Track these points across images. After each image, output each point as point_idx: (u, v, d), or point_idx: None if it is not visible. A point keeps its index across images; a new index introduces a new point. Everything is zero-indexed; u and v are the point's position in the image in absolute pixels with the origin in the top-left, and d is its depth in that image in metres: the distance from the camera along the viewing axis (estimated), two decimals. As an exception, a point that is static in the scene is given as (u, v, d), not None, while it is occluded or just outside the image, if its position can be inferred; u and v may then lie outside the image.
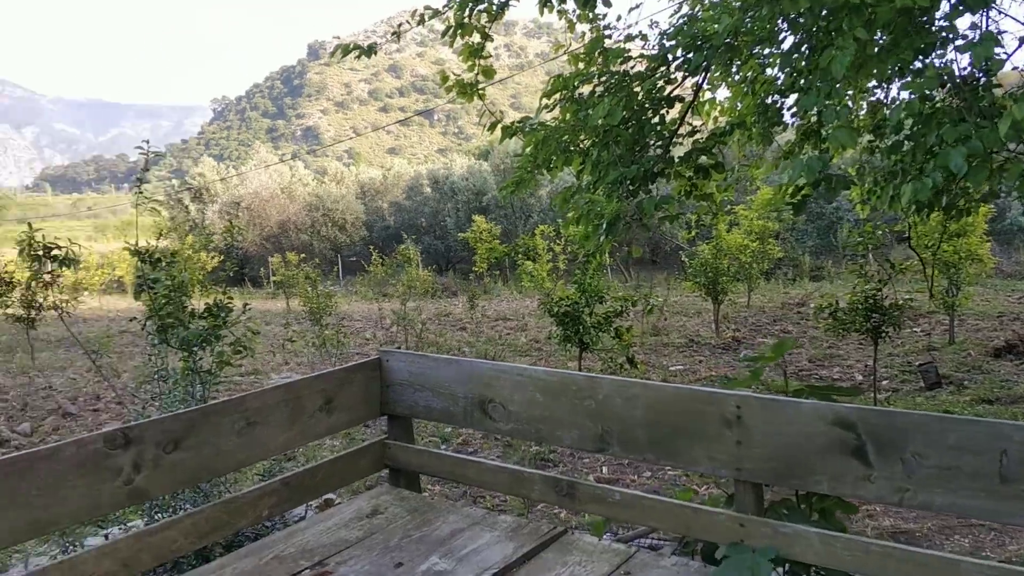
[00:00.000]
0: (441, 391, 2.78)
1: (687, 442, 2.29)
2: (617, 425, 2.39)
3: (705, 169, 4.94)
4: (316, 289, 12.02)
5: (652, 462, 2.33)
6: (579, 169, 5.07)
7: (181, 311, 4.55)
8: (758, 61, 5.17)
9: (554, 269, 16.78)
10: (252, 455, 2.50)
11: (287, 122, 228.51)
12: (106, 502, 2.07)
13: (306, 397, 2.60)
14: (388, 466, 2.99)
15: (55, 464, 1.96)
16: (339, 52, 5.06)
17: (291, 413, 2.54)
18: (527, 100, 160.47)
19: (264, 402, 2.46)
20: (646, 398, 2.35)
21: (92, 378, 9.98)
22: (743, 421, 2.20)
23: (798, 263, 21.00)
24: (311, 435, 2.69)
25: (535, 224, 25.30)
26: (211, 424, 2.28)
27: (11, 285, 8.47)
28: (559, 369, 2.59)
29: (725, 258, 11.77)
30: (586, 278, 8.26)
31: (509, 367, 2.68)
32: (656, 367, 10.02)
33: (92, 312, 20.83)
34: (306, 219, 31.84)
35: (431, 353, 2.95)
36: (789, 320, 13.59)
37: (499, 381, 2.63)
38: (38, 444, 7.02)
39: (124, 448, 2.06)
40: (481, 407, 2.67)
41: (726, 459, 2.23)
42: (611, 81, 4.58)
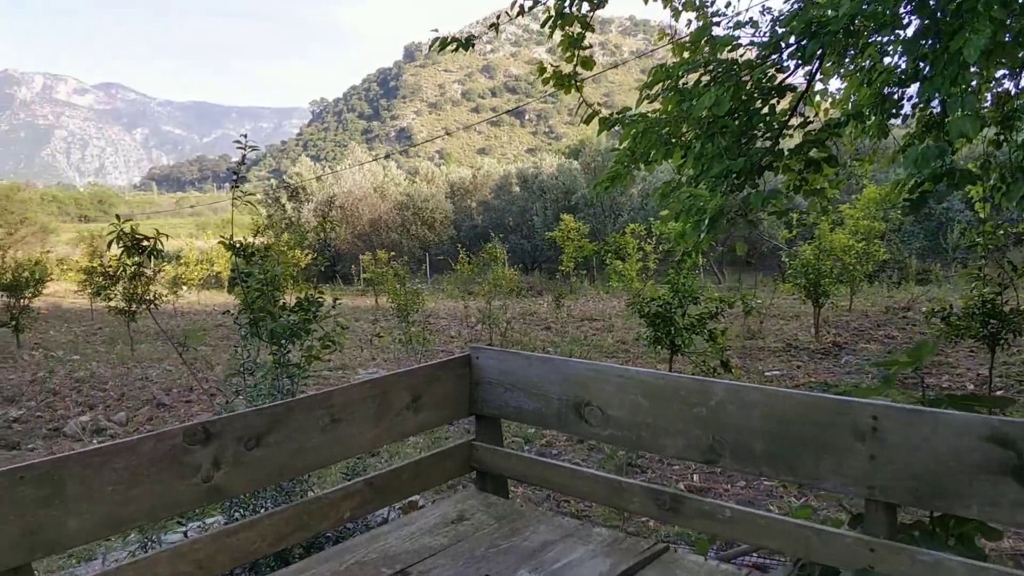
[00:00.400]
0: (533, 391, 2.61)
1: (811, 456, 2.04)
2: (730, 435, 2.17)
3: (817, 163, 4.63)
4: (404, 287, 12.10)
5: (769, 476, 2.07)
6: (680, 163, 4.83)
7: (273, 305, 4.56)
8: (877, 49, 4.82)
9: (644, 269, 16.46)
10: (336, 453, 2.39)
11: (381, 123, 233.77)
12: (184, 500, 1.98)
13: (393, 394, 2.48)
14: (475, 468, 2.85)
15: (132, 459, 1.87)
16: (437, 45, 4.97)
17: (378, 410, 2.42)
18: (620, 99, 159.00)
19: (350, 398, 2.35)
20: (765, 405, 2.11)
21: (186, 370, 10.31)
22: (879, 434, 1.95)
23: (904, 265, 19.95)
24: (397, 433, 2.57)
25: (624, 223, 24.93)
26: (295, 420, 2.18)
27: (114, 279, 8.82)
28: (667, 372, 2.35)
29: (828, 259, 11.22)
30: (680, 278, 7.97)
31: (609, 368, 2.48)
32: (751, 372, 9.63)
33: (190, 306, 21.70)
34: (396, 218, 32.34)
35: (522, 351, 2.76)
36: (894, 325, 12.87)
37: (598, 382, 2.43)
38: (132, 433, 7.26)
39: (204, 443, 1.96)
40: (577, 410, 2.48)
41: (857, 476, 1.98)
42: (718, 70, 4.33)
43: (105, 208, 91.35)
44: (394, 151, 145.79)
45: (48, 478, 1.75)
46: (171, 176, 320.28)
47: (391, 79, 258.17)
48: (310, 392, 2.47)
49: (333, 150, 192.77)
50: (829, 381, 8.83)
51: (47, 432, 7.19)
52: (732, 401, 2.15)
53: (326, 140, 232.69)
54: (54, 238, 38.62)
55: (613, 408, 2.39)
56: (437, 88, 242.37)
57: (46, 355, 12.66)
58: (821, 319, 12.20)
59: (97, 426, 7.32)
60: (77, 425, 7.21)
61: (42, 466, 1.76)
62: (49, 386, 9.17)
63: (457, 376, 2.74)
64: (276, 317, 4.63)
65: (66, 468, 1.78)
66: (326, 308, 5.00)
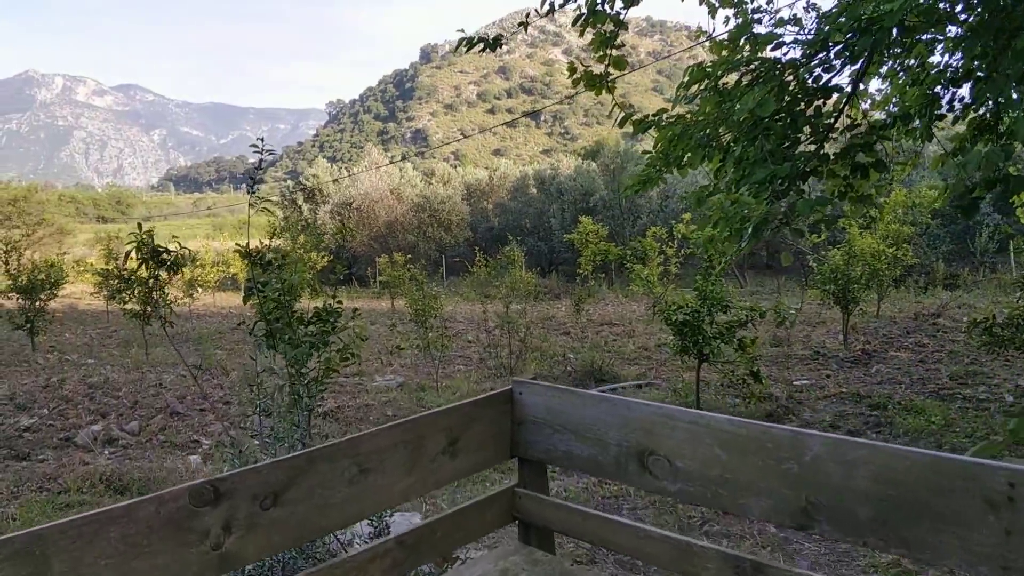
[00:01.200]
0: (587, 435, 2.29)
1: (929, 526, 1.73)
2: (828, 497, 1.84)
3: (864, 167, 4.36)
4: (422, 290, 11.88)
5: (876, 548, 1.71)
6: (717, 166, 4.58)
7: (289, 314, 4.36)
8: (928, 47, 4.54)
9: (665, 272, 16.18)
10: (365, 507, 2.10)
11: (397, 124, 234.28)
12: (190, 572, 1.68)
13: (428, 437, 2.20)
14: (517, 518, 2.54)
15: (130, 526, 1.58)
16: (463, 46, 4.73)
17: (411, 456, 2.15)
18: (636, 99, 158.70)
19: (379, 444, 2.07)
20: (873, 464, 1.78)
21: (201, 376, 10.14)
22: (1017, 504, 1.62)
23: (931, 270, 19.52)
24: (433, 482, 2.28)
25: (644, 225, 24.65)
26: (318, 472, 1.90)
27: (130, 282, 8.63)
28: (750, 420, 2.00)
29: (858, 264, 10.90)
30: (708, 284, 7.70)
31: (679, 412, 2.13)
32: (779, 381, 9.34)
33: (206, 308, 21.62)
34: (413, 220, 32.18)
35: (571, 387, 2.39)
36: (924, 332, 12.52)
37: (665, 428, 2.11)
38: (144, 444, 7.07)
39: (213, 504, 1.69)
40: (639, 459, 2.17)
41: (987, 553, 1.66)
42: (761, 69, 4.07)
43: (123, 209, 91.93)
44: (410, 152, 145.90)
45: (28, 556, 1.47)
46: (188, 177, 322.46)
47: (407, 80, 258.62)
48: (331, 441, 2.13)
49: (349, 151, 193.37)
50: (862, 392, 8.54)
51: (58, 442, 7.02)
52: (831, 457, 1.83)
53: (342, 141, 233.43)
54: (71, 239, 38.77)
55: (683, 459, 2.09)
56: (453, 89, 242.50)
57: (61, 358, 12.55)
58: (848, 325, 11.88)
59: (109, 436, 7.14)
60: (89, 435, 7.03)
61: (21, 541, 1.47)
62: (62, 392, 9.02)
63: (499, 413, 2.45)
64: (295, 328, 4.43)
65: (51, 543, 1.50)
66: (345, 318, 4.80)
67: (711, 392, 8.79)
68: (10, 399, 8.73)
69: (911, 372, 9.63)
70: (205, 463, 6.37)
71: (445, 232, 32.12)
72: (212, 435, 7.32)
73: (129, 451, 6.81)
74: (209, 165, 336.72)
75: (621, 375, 9.94)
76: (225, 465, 4.18)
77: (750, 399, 7.79)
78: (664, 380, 9.87)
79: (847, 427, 7.25)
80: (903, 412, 7.57)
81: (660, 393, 8.93)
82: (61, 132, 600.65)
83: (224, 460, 5.09)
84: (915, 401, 7.94)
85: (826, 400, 8.43)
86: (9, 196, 37.08)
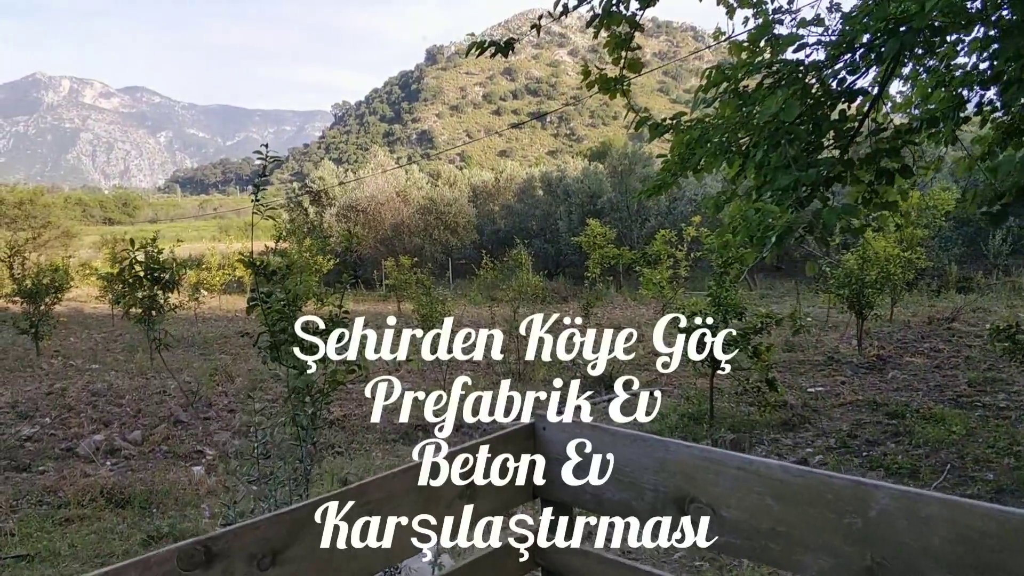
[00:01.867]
0: (619, 476, 2.06)
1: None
2: (897, 557, 1.61)
3: (889, 173, 4.19)
4: (429, 295, 11.73)
5: None
6: (735, 172, 4.42)
7: (293, 332, 4.21)
8: (957, 48, 4.38)
9: (675, 276, 15.99)
10: (375, 562, 1.87)
11: (403, 126, 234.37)
12: None
13: (442, 479, 2.00)
14: (542, 566, 2.32)
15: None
16: (474, 50, 4.58)
17: (424, 503, 1.95)
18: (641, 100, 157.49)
19: (390, 490, 1.87)
20: (951, 522, 1.55)
21: (206, 383, 10.01)
22: None
23: (943, 273, 19.27)
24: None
25: (652, 228, 24.45)
26: (322, 524, 1.71)
27: (134, 287, 8.52)
28: (807, 468, 1.78)
29: (873, 268, 10.71)
30: (722, 290, 7.54)
31: (725, 455, 1.87)
32: (793, 387, 9.17)
33: (211, 311, 21.50)
34: (419, 222, 32.05)
35: (603, 424, 2.15)
36: (939, 337, 12.33)
37: (708, 473, 1.88)
38: (147, 454, 6.92)
39: (205, 567, 1.49)
40: (678, 506, 1.93)
41: None
42: (784, 71, 3.90)
43: (129, 211, 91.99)
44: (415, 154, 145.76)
45: None
46: (195, 179, 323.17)
47: (412, 82, 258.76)
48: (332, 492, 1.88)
49: (355, 153, 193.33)
50: (878, 400, 8.36)
51: (59, 452, 6.89)
52: (902, 513, 1.61)
53: (348, 143, 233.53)
54: (77, 241, 38.75)
55: (729, 508, 1.85)
56: (458, 91, 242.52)
57: (65, 364, 12.44)
58: (862, 330, 11.69)
59: (111, 446, 7.00)
60: (90, 445, 6.90)
61: None
62: (65, 401, 8.89)
63: (519, 451, 2.24)
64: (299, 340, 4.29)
65: None
66: (353, 330, 4.66)
67: (724, 400, 8.63)
68: (12, 407, 8.62)
69: (928, 379, 9.44)
70: (209, 475, 6.22)
71: (451, 235, 31.97)
72: (216, 445, 7.18)
73: (131, 462, 6.68)
74: (215, 167, 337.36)
75: (631, 381, 9.78)
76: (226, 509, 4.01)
77: (765, 407, 7.63)
78: (676, 387, 9.71)
79: (865, 436, 7.08)
80: (922, 421, 7.40)
81: (672, 401, 8.77)
82: (68, 134, 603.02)
83: (221, 513, 4.88)
84: (934, 409, 7.76)
85: (842, 408, 8.25)
86: (15, 199, 37.05)
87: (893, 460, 6.24)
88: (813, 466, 6.36)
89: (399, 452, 6.93)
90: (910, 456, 6.36)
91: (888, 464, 6.16)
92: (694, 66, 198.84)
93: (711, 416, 7.81)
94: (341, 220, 32.28)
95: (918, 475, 5.91)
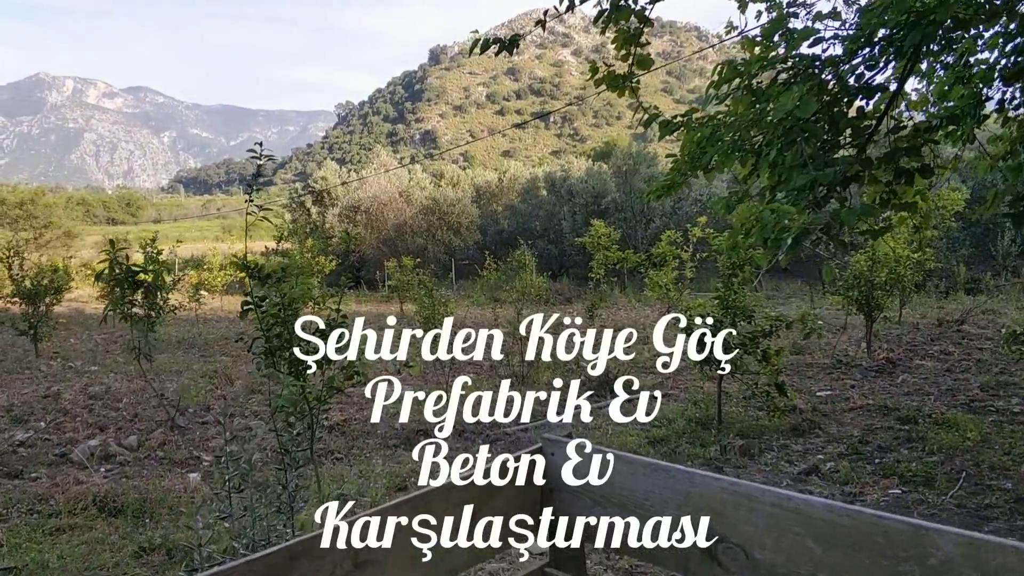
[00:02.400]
0: (637, 510, 1.86)
1: None
2: None
3: (909, 173, 4.03)
4: (431, 296, 11.58)
5: None
6: (748, 172, 4.25)
7: (290, 331, 4.06)
8: (977, 43, 4.21)
9: (680, 277, 15.82)
10: None
11: (406, 126, 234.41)
12: None
13: (440, 515, 1.77)
14: None
15: None
16: (478, 48, 4.43)
17: (419, 540, 1.72)
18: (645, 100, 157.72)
19: (377, 530, 1.64)
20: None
21: (204, 385, 9.86)
22: None
23: (952, 274, 19.06)
24: (448, 571, 1.81)
25: (657, 229, 24.28)
26: (301, 572, 1.48)
27: (134, 287, 8.36)
28: (854, 507, 1.54)
29: (883, 269, 10.53)
30: (730, 293, 7.38)
31: (758, 490, 1.65)
32: (801, 391, 9.00)
33: (213, 312, 21.35)
34: (422, 223, 31.89)
35: (619, 450, 1.89)
36: (949, 339, 12.14)
37: (739, 510, 1.66)
38: (143, 460, 6.77)
39: None
40: (706, 549, 1.74)
41: None
42: (799, 67, 3.74)
43: (133, 211, 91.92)
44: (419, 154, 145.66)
45: None
46: (198, 179, 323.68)
47: (416, 82, 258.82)
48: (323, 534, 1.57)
49: (358, 153, 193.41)
50: (889, 404, 8.19)
51: (53, 458, 6.74)
52: (968, 562, 1.39)
53: (351, 143, 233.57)
54: (79, 242, 38.64)
55: (764, 550, 1.64)
56: (462, 91, 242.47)
57: (64, 365, 12.31)
58: (871, 332, 11.52)
59: (106, 451, 6.85)
60: (85, 451, 6.75)
61: None
62: (61, 404, 8.75)
63: (526, 480, 2.03)
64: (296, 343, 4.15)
65: None
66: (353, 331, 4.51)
67: (732, 404, 8.46)
68: (7, 411, 8.48)
69: (939, 382, 9.27)
70: (204, 481, 6.07)
71: (454, 235, 31.81)
72: (213, 450, 7.03)
73: (126, 468, 6.53)
74: (219, 167, 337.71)
75: (636, 384, 9.61)
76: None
77: (774, 412, 7.46)
78: (684, 391, 9.54)
79: (877, 442, 6.91)
80: (935, 426, 7.23)
81: (679, 405, 8.60)
82: (72, 134, 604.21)
83: (215, 524, 4.72)
84: (946, 414, 7.59)
85: (852, 413, 8.08)
86: (16, 199, 36.96)
87: (907, 468, 6.07)
88: (824, 474, 6.19)
89: (400, 458, 6.76)
90: (924, 463, 6.19)
91: (902, 472, 5.99)
92: (698, 66, 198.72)
93: (719, 421, 7.65)
94: (344, 220, 32.16)
95: (933, 483, 5.73)
